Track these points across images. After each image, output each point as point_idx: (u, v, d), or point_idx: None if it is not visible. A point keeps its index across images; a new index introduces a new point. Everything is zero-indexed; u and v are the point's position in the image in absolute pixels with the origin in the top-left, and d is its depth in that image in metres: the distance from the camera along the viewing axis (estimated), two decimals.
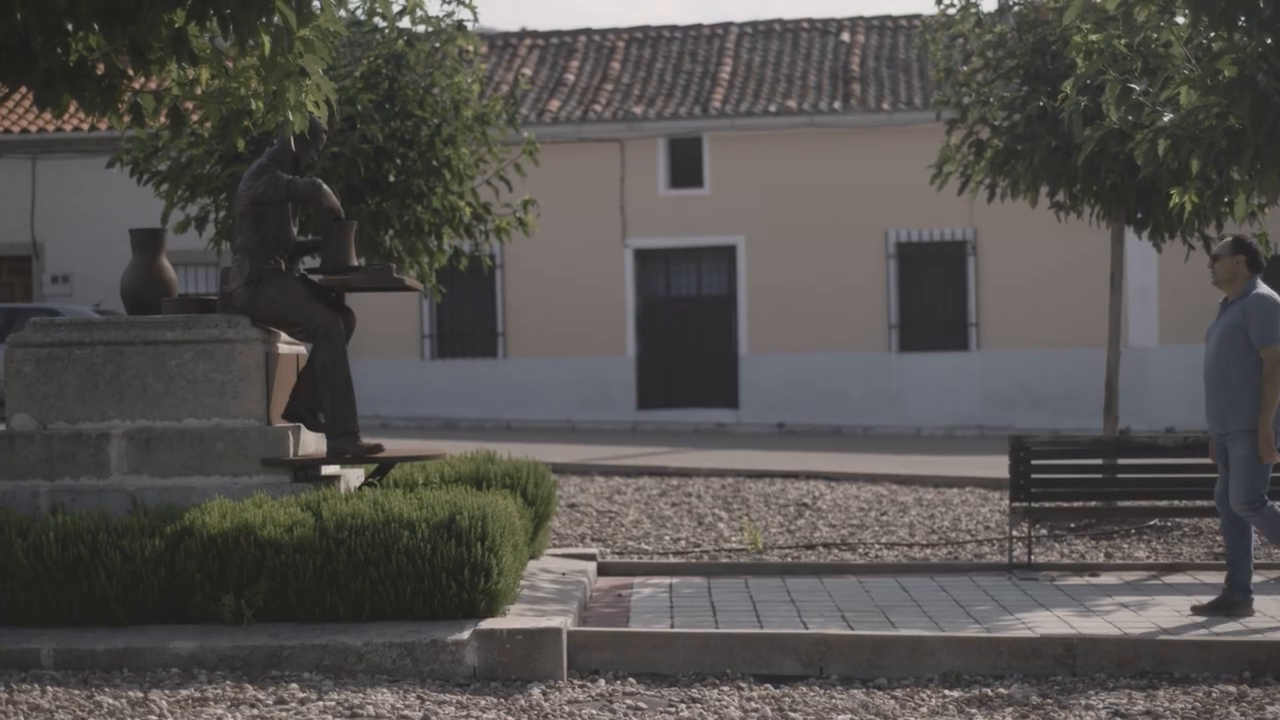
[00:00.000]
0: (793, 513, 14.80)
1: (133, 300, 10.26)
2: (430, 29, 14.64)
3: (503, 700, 7.72)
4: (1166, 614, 9.55)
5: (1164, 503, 12.85)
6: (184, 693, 7.67)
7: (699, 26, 30.57)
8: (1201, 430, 24.32)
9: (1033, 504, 11.75)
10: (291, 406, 9.93)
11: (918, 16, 29.68)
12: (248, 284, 9.80)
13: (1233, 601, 9.54)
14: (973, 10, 15.34)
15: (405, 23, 15.16)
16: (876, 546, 12.96)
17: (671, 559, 12.37)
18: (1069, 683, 8.17)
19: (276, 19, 7.83)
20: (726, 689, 8.04)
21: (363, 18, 14.69)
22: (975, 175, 15.11)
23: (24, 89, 8.36)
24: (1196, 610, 9.56)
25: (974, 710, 7.61)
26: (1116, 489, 12.27)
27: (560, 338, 27.57)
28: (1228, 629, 9.03)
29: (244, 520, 8.67)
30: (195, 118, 12.58)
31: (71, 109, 24.96)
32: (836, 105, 27.44)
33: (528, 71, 29.00)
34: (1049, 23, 14.47)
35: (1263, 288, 9.54)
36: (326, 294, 9.94)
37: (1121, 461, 12.30)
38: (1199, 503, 12.30)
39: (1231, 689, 8.00)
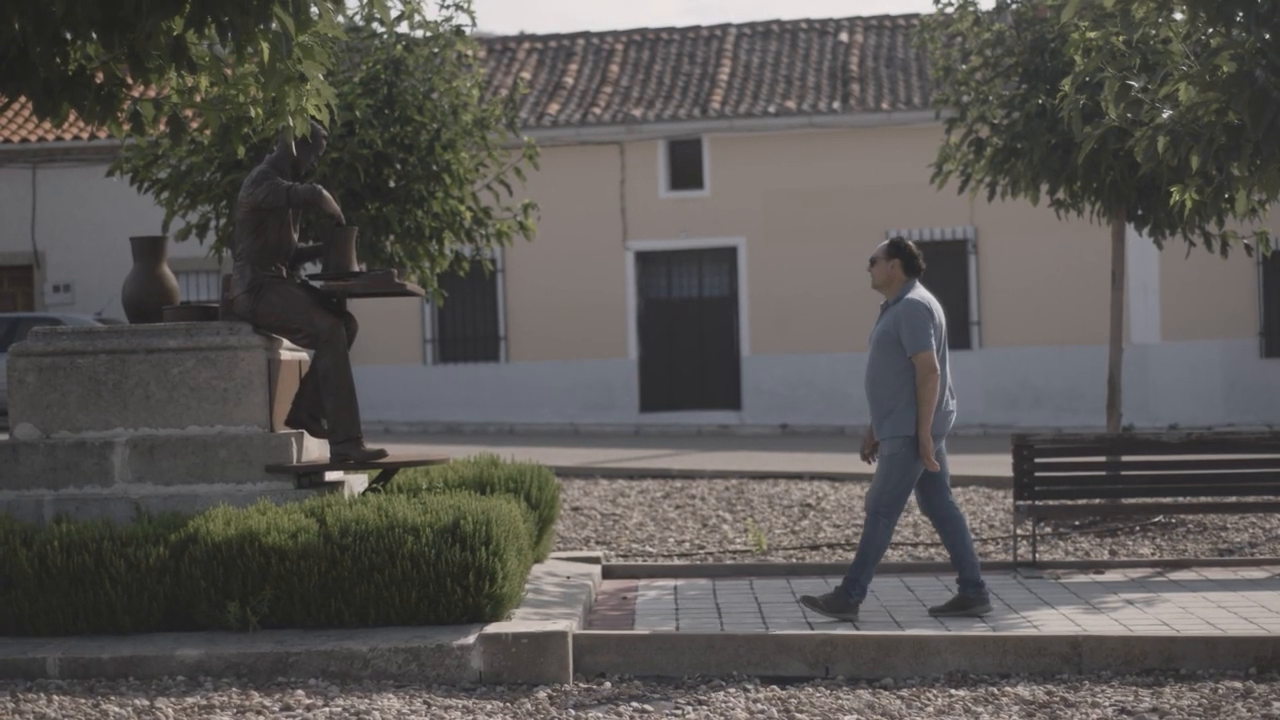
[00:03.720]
0: (797, 513, 14.79)
1: (134, 308, 10.26)
2: (429, 34, 14.63)
3: (509, 704, 7.72)
4: (1172, 611, 9.54)
5: (1168, 499, 12.84)
6: (190, 700, 7.67)
7: (697, 28, 30.57)
8: (1205, 426, 24.39)
9: (1037, 502, 11.74)
10: (294, 413, 9.93)
11: (916, 16, 29.67)
12: (249, 291, 9.80)
13: (966, 599, 9.47)
14: (971, 9, 15.33)
15: (404, 28, 15.18)
16: None
17: (676, 561, 12.37)
18: (1075, 681, 8.17)
19: (275, 25, 7.83)
20: (732, 690, 8.04)
21: (361, 23, 14.68)
22: (975, 174, 15.10)
23: (23, 99, 8.34)
24: (934, 611, 9.48)
25: (980, 709, 7.60)
26: (1120, 486, 12.27)
27: (562, 341, 27.56)
28: (1232, 625, 9.02)
29: (248, 527, 8.67)
30: (195, 125, 12.59)
31: (71, 118, 24.93)
32: (835, 105, 27.43)
33: (526, 75, 29.00)
34: (1047, 20, 14.46)
35: (918, 292, 9.51)
36: (328, 300, 9.94)
37: (1125, 459, 12.29)
38: (1203, 499, 12.30)
39: (1238, 685, 8.00)
